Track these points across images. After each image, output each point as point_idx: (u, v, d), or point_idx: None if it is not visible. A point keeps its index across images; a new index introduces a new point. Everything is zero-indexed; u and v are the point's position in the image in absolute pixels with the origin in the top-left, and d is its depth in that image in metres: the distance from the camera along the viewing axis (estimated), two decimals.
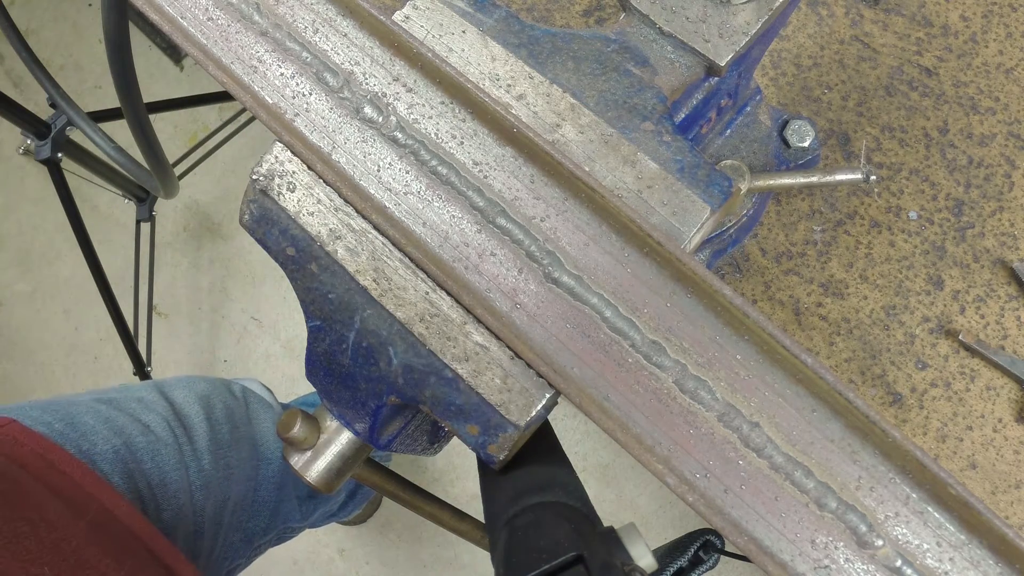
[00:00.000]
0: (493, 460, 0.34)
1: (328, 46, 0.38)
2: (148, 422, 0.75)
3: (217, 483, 0.78)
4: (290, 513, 0.93)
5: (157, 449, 0.73)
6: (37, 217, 1.93)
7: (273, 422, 0.91)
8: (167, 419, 0.77)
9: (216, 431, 0.81)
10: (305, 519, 0.98)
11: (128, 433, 0.72)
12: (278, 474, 0.89)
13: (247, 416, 0.89)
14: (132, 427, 0.73)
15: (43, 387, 1.84)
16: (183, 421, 0.78)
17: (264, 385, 1.00)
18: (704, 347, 0.34)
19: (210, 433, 0.80)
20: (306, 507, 0.97)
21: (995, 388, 0.65)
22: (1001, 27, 0.73)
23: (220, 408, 0.84)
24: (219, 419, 0.83)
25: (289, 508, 0.92)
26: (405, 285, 0.35)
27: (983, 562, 0.31)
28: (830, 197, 0.71)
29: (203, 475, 0.76)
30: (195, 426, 0.79)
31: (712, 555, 0.38)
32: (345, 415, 0.40)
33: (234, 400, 0.89)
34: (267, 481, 0.87)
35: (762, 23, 0.42)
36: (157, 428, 0.75)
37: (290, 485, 0.91)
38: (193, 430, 0.79)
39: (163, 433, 0.75)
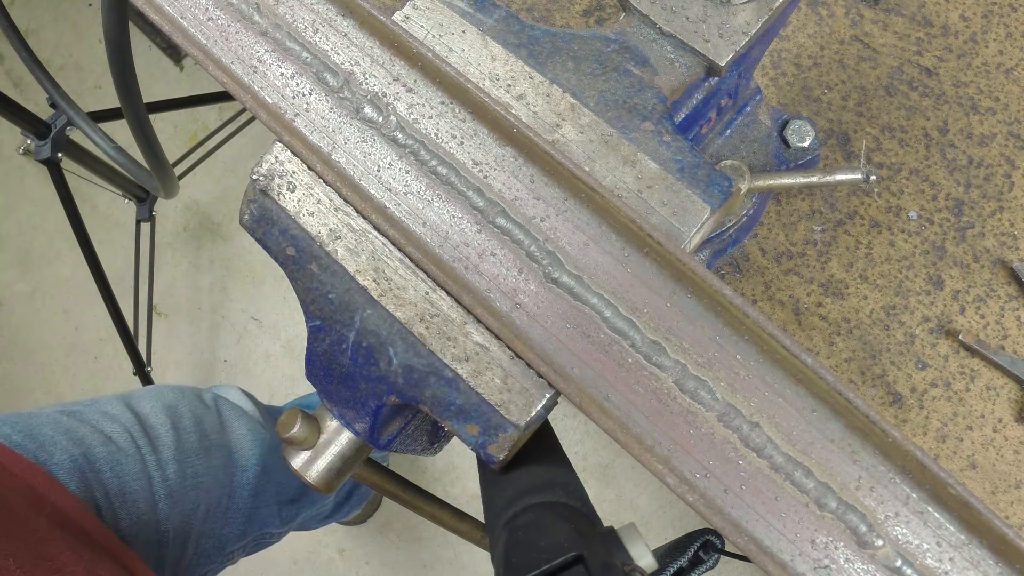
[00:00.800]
0: (493, 460, 0.34)
1: (328, 46, 0.38)
2: (110, 433, 0.75)
3: (184, 492, 0.78)
4: (268, 519, 0.93)
5: (117, 459, 0.73)
6: (37, 217, 1.93)
7: (249, 429, 0.92)
8: (130, 430, 0.77)
9: (183, 440, 0.81)
10: (285, 524, 0.98)
11: (88, 443, 0.72)
12: (254, 480, 0.89)
13: (219, 424, 0.89)
14: (93, 437, 0.73)
15: (43, 387, 1.84)
16: (148, 432, 0.79)
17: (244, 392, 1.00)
18: (704, 347, 0.34)
19: (176, 442, 0.80)
20: (287, 512, 0.96)
21: (995, 388, 0.65)
22: (1001, 27, 0.73)
23: (188, 417, 0.84)
24: (187, 428, 0.83)
25: (268, 514, 0.92)
26: (405, 285, 0.35)
27: (983, 562, 0.31)
28: (830, 197, 0.71)
29: (167, 485, 0.76)
30: (160, 436, 0.80)
31: (712, 555, 0.38)
32: (345, 415, 0.40)
33: (204, 408, 0.89)
34: (242, 488, 0.87)
35: (762, 23, 0.42)
36: (119, 439, 0.75)
37: (270, 491, 0.92)
38: (158, 440, 0.79)
39: (125, 444, 0.75)
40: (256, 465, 0.89)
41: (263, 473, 0.90)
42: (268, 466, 0.91)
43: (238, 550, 0.89)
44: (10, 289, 1.91)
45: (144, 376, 1.61)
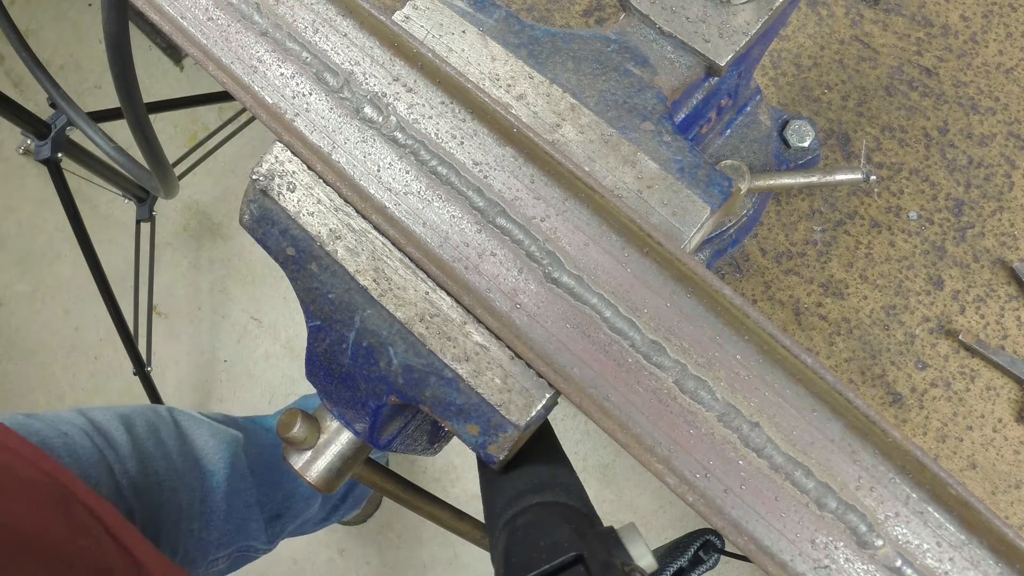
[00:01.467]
0: (493, 460, 0.34)
1: (328, 46, 0.38)
2: (66, 431, 0.77)
3: (149, 489, 0.79)
4: (255, 533, 0.94)
5: (74, 450, 0.75)
6: (37, 217, 1.93)
7: (211, 434, 0.93)
8: (85, 430, 0.79)
9: (139, 443, 0.83)
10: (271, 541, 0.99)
11: (44, 435, 0.74)
12: (225, 483, 0.90)
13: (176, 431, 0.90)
14: (48, 431, 0.75)
15: (43, 387, 1.84)
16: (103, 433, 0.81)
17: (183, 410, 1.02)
18: (704, 347, 0.34)
19: (132, 443, 0.82)
20: (272, 529, 0.97)
21: (995, 388, 0.65)
22: (1001, 27, 0.73)
23: (141, 424, 0.86)
24: (140, 434, 0.85)
25: (256, 528, 0.93)
26: (405, 285, 0.35)
27: (983, 562, 0.31)
28: (830, 197, 0.71)
29: (129, 477, 0.78)
30: (116, 437, 0.81)
31: (712, 555, 0.38)
32: (345, 415, 0.40)
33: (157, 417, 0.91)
34: (214, 491, 0.88)
35: (762, 23, 0.42)
36: (74, 435, 0.77)
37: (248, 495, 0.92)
38: (113, 439, 0.81)
39: (81, 439, 0.77)
40: (225, 468, 0.90)
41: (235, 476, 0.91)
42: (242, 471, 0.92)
43: (222, 558, 0.90)
44: (10, 289, 1.91)
45: (144, 376, 1.61)
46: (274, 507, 0.98)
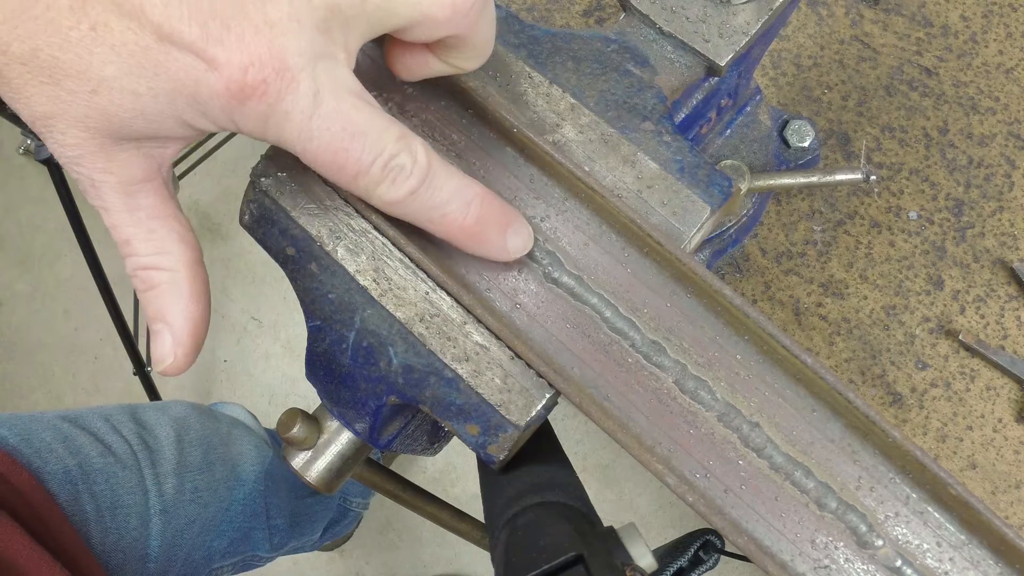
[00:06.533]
0: (493, 460, 0.34)
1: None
2: (110, 443, 0.75)
3: (180, 507, 0.78)
4: (259, 542, 0.93)
5: (114, 471, 0.73)
6: (37, 217, 1.93)
7: (254, 445, 0.92)
8: (130, 441, 0.77)
9: (186, 454, 0.81)
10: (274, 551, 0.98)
11: (85, 453, 0.72)
12: (249, 496, 0.89)
13: (226, 438, 0.89)
14: (91, 447, 0.73)
15: (43, 387, 1.84)
16: (149, 444, 0.79)
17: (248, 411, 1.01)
18: (704, 347, 0.34)
19: (178, 456, 0.80)
20: (277, 539, 0.97)
21: (995, 388, 0.65)
22: (1001, 27, 0.73)
23: (195, 429, 0.84)
24: (192, 441, 0.83)
25: (260, 537, 0.93)
26: (405, 285, 0.35)
27: (983, 562, 0.31)
28: (830, 197, 0.71)
29: (163, 500, 0.76)
30: (163, 448, 0.80)
31: (712, 555, 0.38)
32: (345, 415, 0.40)
33: (212, 422, 0.89)
34: (238, 502, 0.87)
35: (762, 23, 0.42)
36: (118, 449, 0.75)
37: (263, 511, 0.92)
38: (159, 453, 0.79)
39: (124, 455, 0.75)
40: (254, 482, 0.89)
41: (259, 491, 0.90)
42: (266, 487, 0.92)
43: (227, 567, 0.89)
44: (10, 289, 1.91)
45: (144, 376, 1.61)
46: (282, 522, 0.97)
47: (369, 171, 0.29)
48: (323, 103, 0.28)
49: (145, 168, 0.30)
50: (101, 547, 0.69)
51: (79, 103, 0.27)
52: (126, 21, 0.25)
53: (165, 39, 0.26)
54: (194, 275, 0.32)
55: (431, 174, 0.30)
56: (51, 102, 0.27)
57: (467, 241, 0.33)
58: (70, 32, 0.25)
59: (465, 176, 0.32)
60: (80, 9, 0.25)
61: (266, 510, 0.92)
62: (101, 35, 0.25)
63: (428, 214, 0.31)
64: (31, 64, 0.26)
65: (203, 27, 0.25)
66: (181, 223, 0.32)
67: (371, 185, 0.30)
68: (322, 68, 0.28)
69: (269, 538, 0.94)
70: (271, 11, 0.26)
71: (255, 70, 0.26)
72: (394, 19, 0.29)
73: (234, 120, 0.28)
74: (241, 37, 0.26)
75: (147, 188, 0.31)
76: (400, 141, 0.29)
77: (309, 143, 0.28)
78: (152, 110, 0.27)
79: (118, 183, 0.30)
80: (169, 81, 0.26)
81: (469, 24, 0.30)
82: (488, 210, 0.32)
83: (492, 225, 0.33)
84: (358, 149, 0.28)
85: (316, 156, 0.29)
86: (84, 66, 0.26)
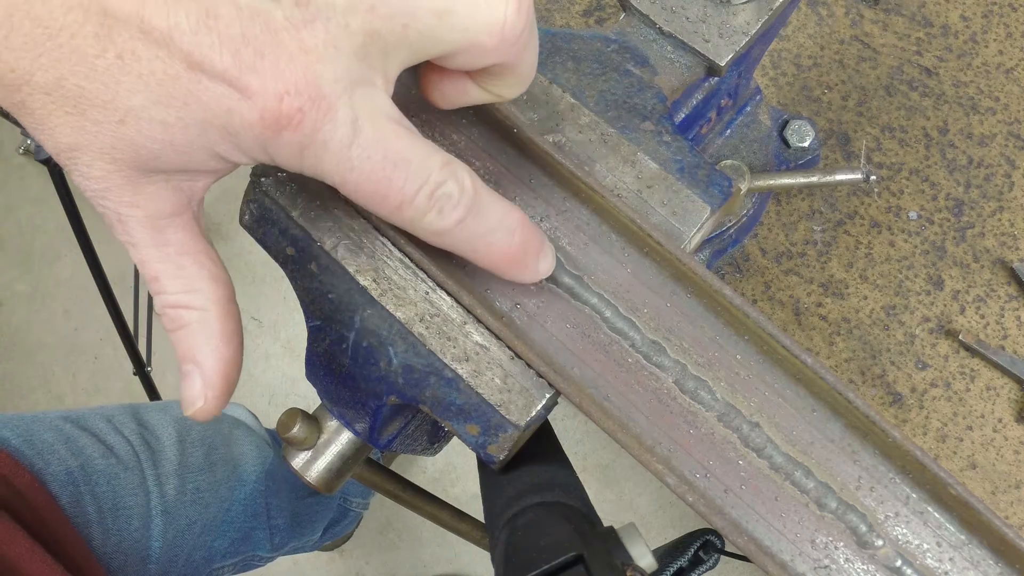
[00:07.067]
0: (493, 460, 0.34)
1: None
2: (112, 443, 0.75)
3: (182, 508, 0.78)
4: (260, 542, 0.93)
5: (116, 472, 0.73)
6: (37, 217, 1.93)
7: (256, 446, 0.92)
8: (132, 442, 0.77)
9: (187, 454, 0.81)
10: (275, 551, 0.98)
11: (87, 454, 0.72)
12: (250, 497, 0.89)
13: (227, 438, 0.89)
14: (93, 448, 0.73)
15: (43, 387, 1.84)
16: (151, 444, 0.79)
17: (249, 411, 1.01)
18: (704, 347, 0.34)
19: (180, 457, 0.80)
20: (278, 539, 0.97)
21: (995, 388, 0.65)
22: (1001, 27, 0.73)
23: (197, 430, 0.84)
24: (193, 441, 0.83)
25: (261, 537, 0.92)
26: (405, 285, 0.35)
27: (983, 562, 0.31)
28: (830, 197, 0.71)
29: (165, 501, 0.76)
30: (164, 449, 0.79)
31: (712, 555, 0.38)
32: (345, 415, 0.40)
33: (214, 423, 0.89)
34: (239, 503, 0.87)
35: (762, 23, 0.42)
36: (120, 450, 0.75)
37: (264, 512, 0.92)
38: (161, 453, 0.79)
39: (126, 456, 0.75)
40: (255, 482, 0.89)
41: (259, 492, 0.90)
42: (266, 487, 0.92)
43: (227, 567, 0.89)
44: (10, 289, 1.91)
45: (144, 376, 1.61)
46: (282, 522, 0.97)
47: (414, 201, 0.28)
48: (362, 131, 0.26)
49: (174, 202, 0.29)
50: (103, 549, 0.69)
51: (105, 134, 0.26)
52: (154, 49, 0.24)
53: (195, 67, 0.25)
54: (226, 314, 0.31)
55: (477, 201, 0.29)
56: (76, 133, 0.26)
57: (507, 268, 0.32)
58: (96, 61, 0.24)
59: (506, 201, 0.31)
60: (106, 37, 0.24)
61: (267, 510, 0.92)
62: (128, 64, 0.25)
63: (474, 243, 0.30)
64: (55, 94, 0.25)
65: (235, 55, 0.25)
66: (212, 259, 0.31)
67: (417, 215, 0.28)
68: (360, 95, 0.26)
69: (270, 538, 0.94)
70: (306, 38, 0.25)
71: (291, 98, 0.25)
72: (438, 46, 0.27)
73: (268, 151, 0.27)
74: (276, 64, 0.25)
75: (176, 223, 0.29)
76: (445, 168, 0.28)
77: (350, 173, 0.27)
78: (182, 141, 0.26)
79: (146, 217, 0.29)
80: (200, 111, 0.25)
81: (517, 52, 0.29)
82: (528, 235, 0.31)
83: (531, 250, 0.32)
84: (401, 178, 0.27)
85: (357, 187, 0.27)
86: (110, 96, 0.25)
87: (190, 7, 0.24)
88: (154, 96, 0.25)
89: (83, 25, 0.24)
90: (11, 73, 0.25)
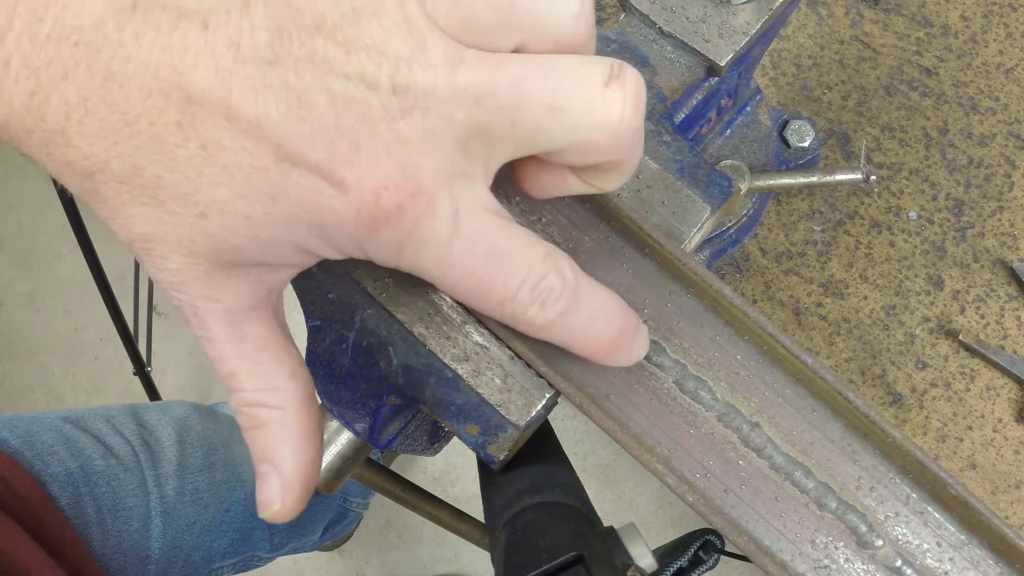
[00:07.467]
0: (493, 460, 0.34)
1: None
2: (112, 444, 0.75)
3: (182, 509, 0.78)
4: (259, 543, 0.93)
5: (115, 473, 0.72)
6: (37, 217, 1.93)
7: None
8: (132, 443, 0.76)
9: (187, 455, 0.81)
10: (274, 551, 0.98)
11: (87, 455, 0.71)
12: (251, 497, 0.88)
13: (227, 438, 0.89)
14: (93, 449, 0.72)
15: (43, 387, 1.84)
16: (151, 445, 0.78)
17: None
18: (704, 347, 0.34)
19: (179, 457, 0.80)
20: (277, 539, 0.96)
21: (995, 388, 0.65)
22: (1001, 27, 0.73)
23: (196, 430, 0.84)
24: (193, 441, 0.83)
25: (260, 537, 0.92)
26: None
27: (983, 562, 0.31)
28: (830, 197, 0.71)
29: (164, 502, 0.76)
30: (164, 449, 0.79)
31: (712, 555, 0.38)
32: (345, 415, 0.40)
33: (213, 423, 0.88)
34: (239, 503, 0.87)
35: (762, 23, 0.42)
36: (120, 451, 0.75)
37: None
38: (161, 454, 0.79)
39: (126, 457, 0.75)
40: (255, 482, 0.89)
41: None
42: None
43: (227, 567, 0.89)
44: (10, 289, 1.91)
45: (144, 376, 1.61)
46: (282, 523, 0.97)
47: (517, 296, 0.27)
48: (463, 226, 0.25)
49: (254, 296, 0.28)
50: (102, 550, 0.69)
51: (185, 227, 0.24)
52: (241, 140, 0.23)
53: (285, 159, 0.23)
54: (306, 413, 0.29)
55: (579, 292, 0.28)
56: (153, 224, 0.24)
57: (605, 356, 0.30)
58: (177, 150, 0.23)
59: (605, 288, 0.30)
60: (189, 126, 0.22)
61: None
62: (212, 154, 0.23)
63: (573, 334, 0.29)
64: (132, 184, 0.23)
65: (329, 147, 0.23)
66: (292, 355, 0.29)
67: (519, 310, 0.27)
68: (460, 188, 0.25)
69: (269, 538, 0.94)
70: (404, 127, 0.23)
71: (388, 195, 0.23)
72: (547, 144, 0.26)
73: (363, 249, 0.25)
74: (372, 156, 0.23)
75: (255, 317, 0.28)
76: (547, 260, 0.27)
77: (450, 270, 0.26)
78: (267, 236, 0.25)
79: (223, 311, 0.27)
80: (289, 206, 0.24)
81: (627, 151, 0.27)
82: (626, 321, 0.30)
83: (627, 336, 0.30)
84: (504, 273, 0.26)
85: (457, 283, 0.26)
86: (192, 188, 0.23)
87: (280, 94, 0.22)
88: (239, 189, 0.23)
89: (164, 112, 0.22)
90: (84, 160, 0.23)
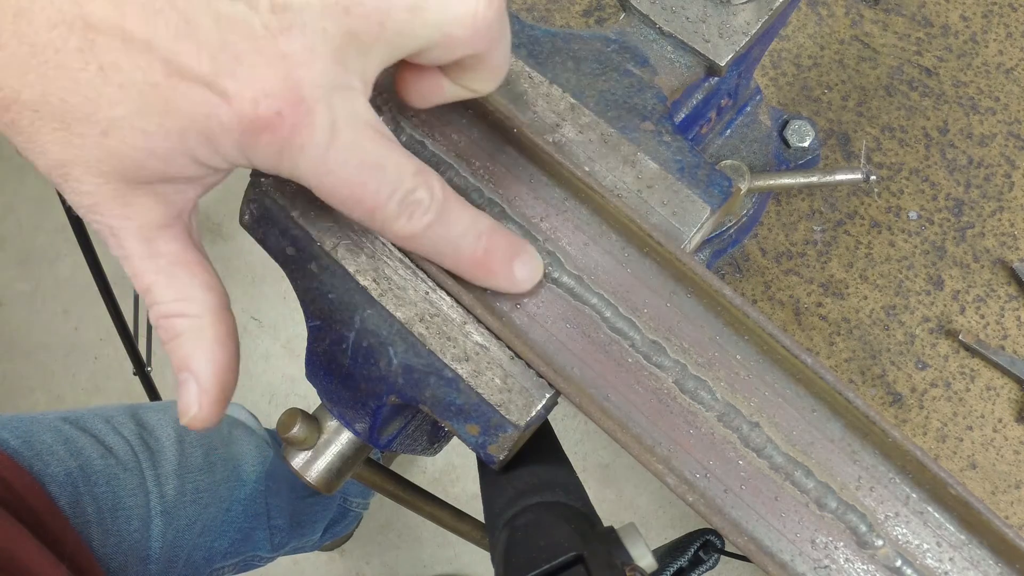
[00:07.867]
0: (493, 460, 0.34)
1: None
2: (111, 444, 0.75)
3: (182, 508, 0.78)
4: (260, 543, 0.93)
5: (115, 473, 0.73)
6: (37, 217, 1.93)
7: (255, 446, 0.92)
8: (131, 443, 0.77)
9: (187, 455, 0.81)
10: (275, 551, 0.98)
11: (86, 455, 0.72)
12: (250, 496, 0.89)
13: (227, 438, 0.89)
14: (92, 449, 0.73)
15: (43, 387, 1.84)
16: (151, 445, 0.79)
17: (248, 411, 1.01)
18: (704, 347, 0.34)
19: (179, 457, 0.80)
20: (278, 539, 0.97)
21: (995, 388, 0.65)
22: (1001, 27, 0.73)
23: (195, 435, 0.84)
24: (192, 441, 0.83)
25: (261, 537, 0.92)
26: (405, 285, 0.35)
27: (983, 562, 0.31)
28: (830, 197, 0.71)
29: (164, 502, 0.76)
30: (164, 449, 0.79)
31: (712, 555, 0.38)
32: (345, 415, 0.40)
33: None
34: (238, 503, 0.87)
35: (762, 23, 0.42)
36: (119, 451, 0.75)
37: (264, 511, 0.92)
38: (160, 454, 0.79)
39: (125, 456, 0.75)
40: (255, 482, 0.89)
41: (259, 492, 0.90)
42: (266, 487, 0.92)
43: (227, 567, 0.89)
44: (10, 289, 1.91)
45: (144, 376, 1.61)
46: (282, 522, 0.97)
47: (387, 206, 0.29)
48: (339, 136, 0.27)
49: (164, 214, 0.29)
50: (102, 550, 0.69)
51: (90, 147, 0.26)
52: (135, 58, 0.25)
53: (175, 74, 0.25)
54: (219, 320, 0.31)
55: (447, 208, 0.30)
56: (63, 148, 0.26)
57: (476, 272, 0.33)
58: (79, 74, 0.25)
59: (475, 209, 0.32)
60: (88, 50, 0.24)
61: (267, 510, 0.92)
62: (109, 75, 0.25)
63: (441, 248, 0.31)
64: (42, 110, 0.25)
65: (213, 60, 0.25)
66: (206, 269, 0.31)
67: (388, 220, 0.29)
68: (338, 99, 0.27)
69: (270, 538, 0.94)
70: (283, 43, 0.25)
71: (268, 102, 0.25)
72: (414, 42, 0.28)
73: (247, 155, 0.27)
74: (253, 69, 0.25)
75: (168, 234, 0.30)
76: (418, 176, 0.29)
77: (326, 177, 0.28)
78: (163, 148, 0.27)
79: (137, 228, 0.29)
80: (179, 118, 0.26)
81: (489, 42, 0.29)
82: (497, 241, 0.32)
83: (500, 256, 0.33)
84: (376, 183, 0.28)
85: (332, 190, 0.28)
86: (93, 108, 0.25)
87: (169, 16, 0.24)
88: (135, 106, 0.25)
89: (67, 40, 0.24)
90: (0, 92, 0.25)
